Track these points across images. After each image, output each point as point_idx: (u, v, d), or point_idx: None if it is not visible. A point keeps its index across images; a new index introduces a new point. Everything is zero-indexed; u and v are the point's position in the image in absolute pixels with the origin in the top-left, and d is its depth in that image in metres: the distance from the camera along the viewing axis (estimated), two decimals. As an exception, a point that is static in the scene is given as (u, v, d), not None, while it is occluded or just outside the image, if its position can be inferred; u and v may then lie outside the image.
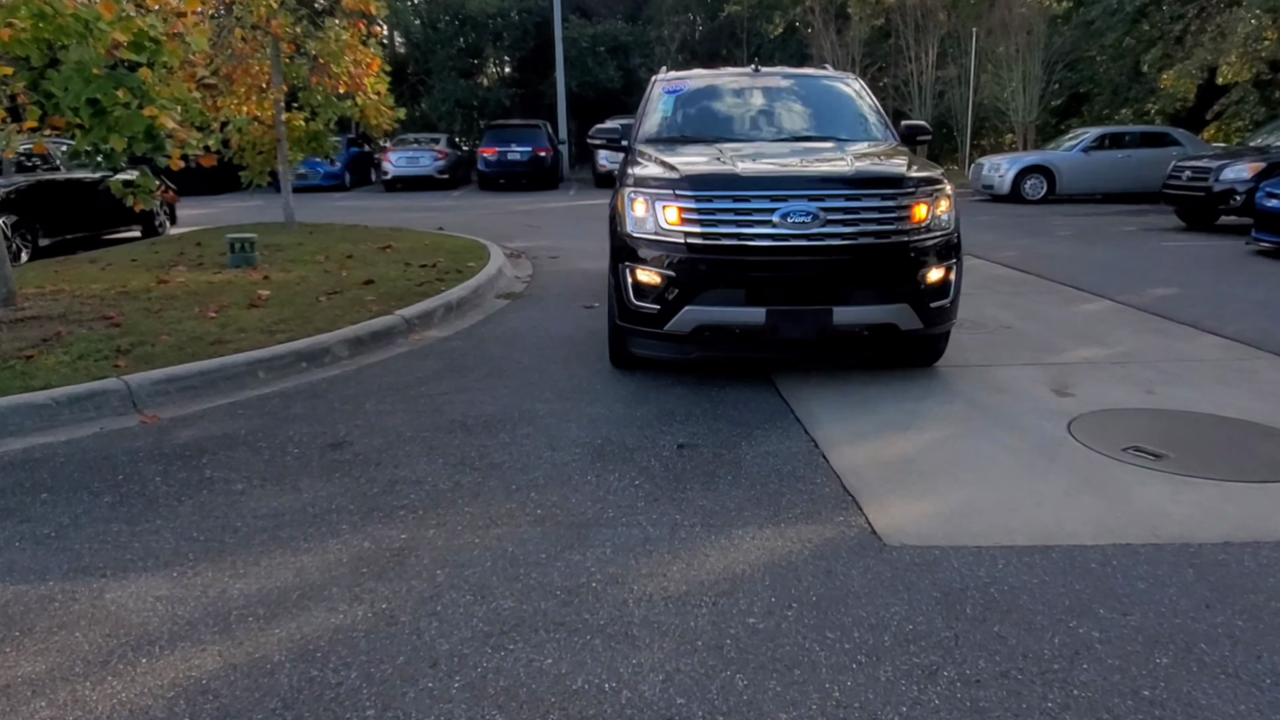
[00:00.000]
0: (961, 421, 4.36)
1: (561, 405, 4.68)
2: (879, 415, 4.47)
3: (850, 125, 5.91)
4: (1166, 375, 5.14)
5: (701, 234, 4.59)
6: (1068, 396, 4.74)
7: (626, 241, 4.84)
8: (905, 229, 4.61)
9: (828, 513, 3.30)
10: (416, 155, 22.92)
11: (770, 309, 4.54)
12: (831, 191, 4.58)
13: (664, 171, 4.86)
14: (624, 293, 4.85)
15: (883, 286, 4.60)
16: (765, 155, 5.19)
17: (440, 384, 5.09)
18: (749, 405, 4.65)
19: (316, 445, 4.09)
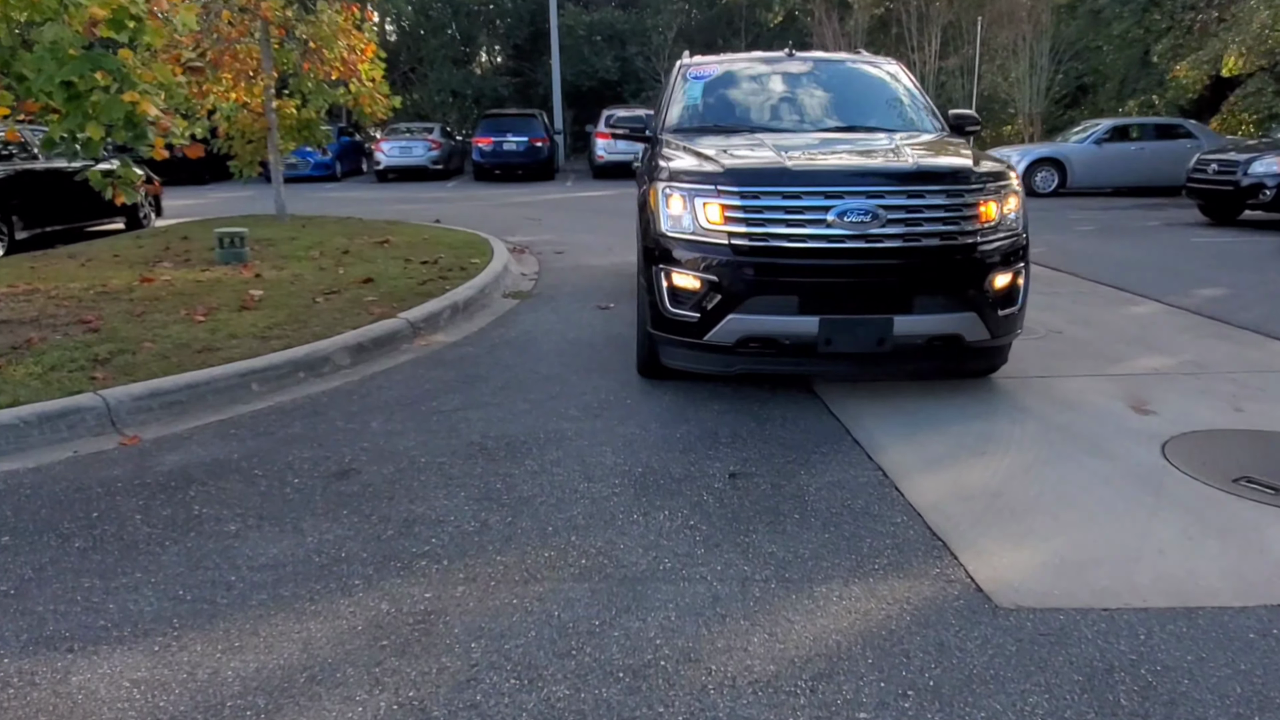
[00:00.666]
0: (1041, 444, 3.91)
1: (590, 424, 4.21)
2: (946, 437, 4.02)
3: (897, 114, 5.44)
4: (1248, 389, 4.70)
5: (747, 234, 4.12)
6: (1149, 414, 4.29)
7: (660, 242, 4.37)
8: (972, 229, 4.15)
9: (919, 562, 2.84)
10: (409, 145, 22.32)
11: (824, 318, 4.08)
12: (892, 188, 4.11)
13: (703, 164, 4.38)
14: (658, 299, 4.38)
15: (948, 293, 4.14)
16: (811, 147, 4.72)
17: (453, 398, 4.60)
18: (798, 424, 4.19)
19: (319, 474, 3.60)
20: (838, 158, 4.48)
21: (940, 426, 4.15)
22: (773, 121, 5.33)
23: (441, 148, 22.74)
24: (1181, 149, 17.22)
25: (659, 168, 4.63)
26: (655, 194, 4.44)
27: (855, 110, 5.44)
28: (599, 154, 22.07)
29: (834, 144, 4.83)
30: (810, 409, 4.42)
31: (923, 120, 5.40)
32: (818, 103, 5.46)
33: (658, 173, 4.56)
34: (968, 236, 4.14)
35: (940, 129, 5.34)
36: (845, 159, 4.43)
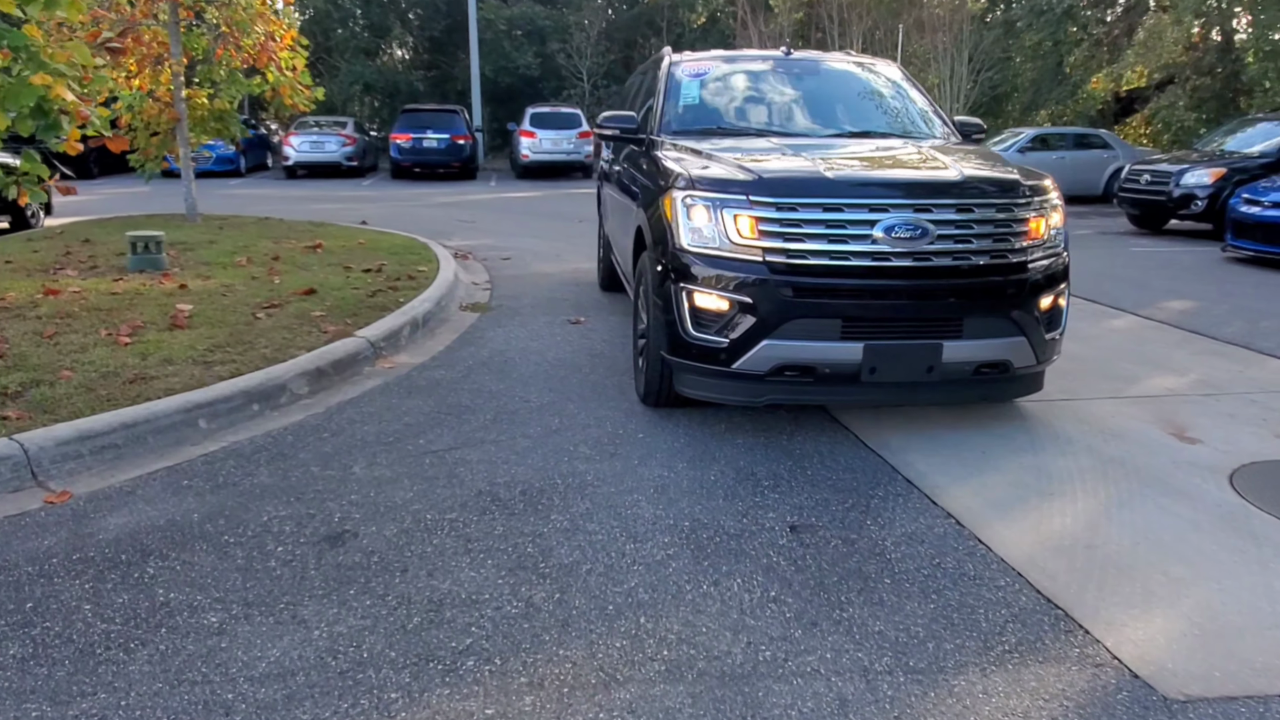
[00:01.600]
0: (1104, 482, 3.62)
1: (609, 466, 3.70)
2: (1002, 474, 3.68)
3: (908, 119, 5.11)
4: (1272, 412, 4.55)
5: (785, 251, 3.70)
6: (1195, 444, 4.07)
7: (679, 258, 3.90)
8: (1022, 247, 3.84)
9: (1051, 640, 2.46)
10: (321, 140, 21.14)
11: (869, 345, 3.69)
12: (941, 201, 3.75)
13: (729, 171, 3.93)
14: (678, 321, 3.91)
15: (999, 316, 3.81)
16: (837, 154, 4.32)
17: (441, 434, 4.03)
18: (838, 461, 3.79)
19: (307, 539, 3.00)
20: (876, 167, 4.10)
21: (991, 461, 3.81)
22: (782, 125, 4.92)
23: (356, 143, 21.63)
24: (1098, 159, 17.76)
25: (670, 173, 4.16)
26: (672, 204, 3.97)
27: (865, 114, 5.09)
28: (524, 153, 21.38)
29: (858, 151, 4.45)
30: (844, 442, 4.02)
31: (933, 126, 5.09)
32: (825, 105, 5.08)
33: (671, 179, 4.08)
34: (1018, 255, 3.82)
35: (949, 135, 5.04)
36: (886, 169, 4.05)
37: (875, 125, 5.00)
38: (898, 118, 5.09)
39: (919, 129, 5.02)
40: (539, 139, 21.27)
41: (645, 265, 4.31)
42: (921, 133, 4.98)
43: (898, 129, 4.98)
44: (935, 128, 5.07)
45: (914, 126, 5.03)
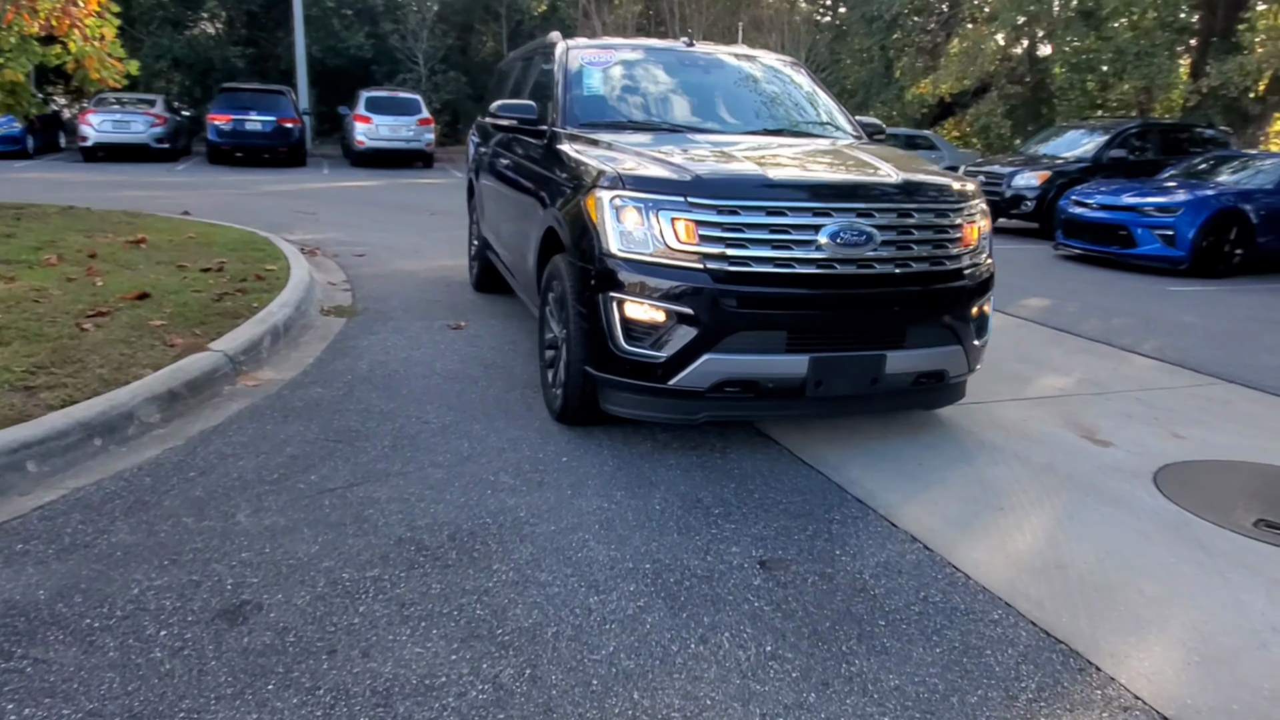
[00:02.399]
0: (1042, 490, 3.58)
1: (539, 497, 3.31)
2: (946, 487, 3.58)
3: (820, 118, 4.96)
4: (1159, 410, 4.74)
5: (729, 257, 3.42)
6: (1108, 446, 4.14)
7: (607, 264, 3.54)
8: (958, 253, 3.75)
9: (1069, 682, 2.31)
10: (127, 119, 19.01)
11: (815, 357, 3.48)
12: (883, 205, 3.59)
13: (662, 170, 3.61)
14: (607, 334, 3.56)
15: (939, 325, 3.71)
16: (767, 153, 4.09)
17: (336, 467, 3.48)
18: (781, 480, 3.57)
19: (198, 615, 2.43)
20: (815, 168, 3.89)
21: (932, 474, 3.71)
22: (696, 120, 4.64)
23: (166, 124, 19.62)
24: (926, 159, 18.76)
25: (590, 170, 3.79)
26: (597, 205, 3.60)
27: (777, 111, 4.90)
28: (359, 139, 20.13)
29: (788, 151, 4.23)
30: (780, 459, 3.81)
31: (841, 125, 4.97)
32: (736, 101, 4.84)
33: (593, 177, 3.72)
34: (953, 261, 3.73)
35: (858, 135, 4.94)
36: (824, 170, 3.85)
37: (789, 123, 4.82)
38: (809, 116, 4.93)
39: (829, 128, 4.88)
40: (375, 125, 20.10)
41: (560, 271, 3.92)
42: (832, 132, 4.85)
43: (811, 127, 4.83)
44: (844, 127, 4.95)
45: (825, 125, 4.89)
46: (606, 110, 4.63)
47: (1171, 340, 6.48)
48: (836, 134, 4.83)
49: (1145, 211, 9.56)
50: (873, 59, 23.10)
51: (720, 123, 4.66)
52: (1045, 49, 19.63)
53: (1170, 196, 9.57)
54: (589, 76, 4.74)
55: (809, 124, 4.86)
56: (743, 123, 4.69)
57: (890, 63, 22.14)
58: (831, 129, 4.87)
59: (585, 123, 4.49)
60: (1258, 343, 6.53)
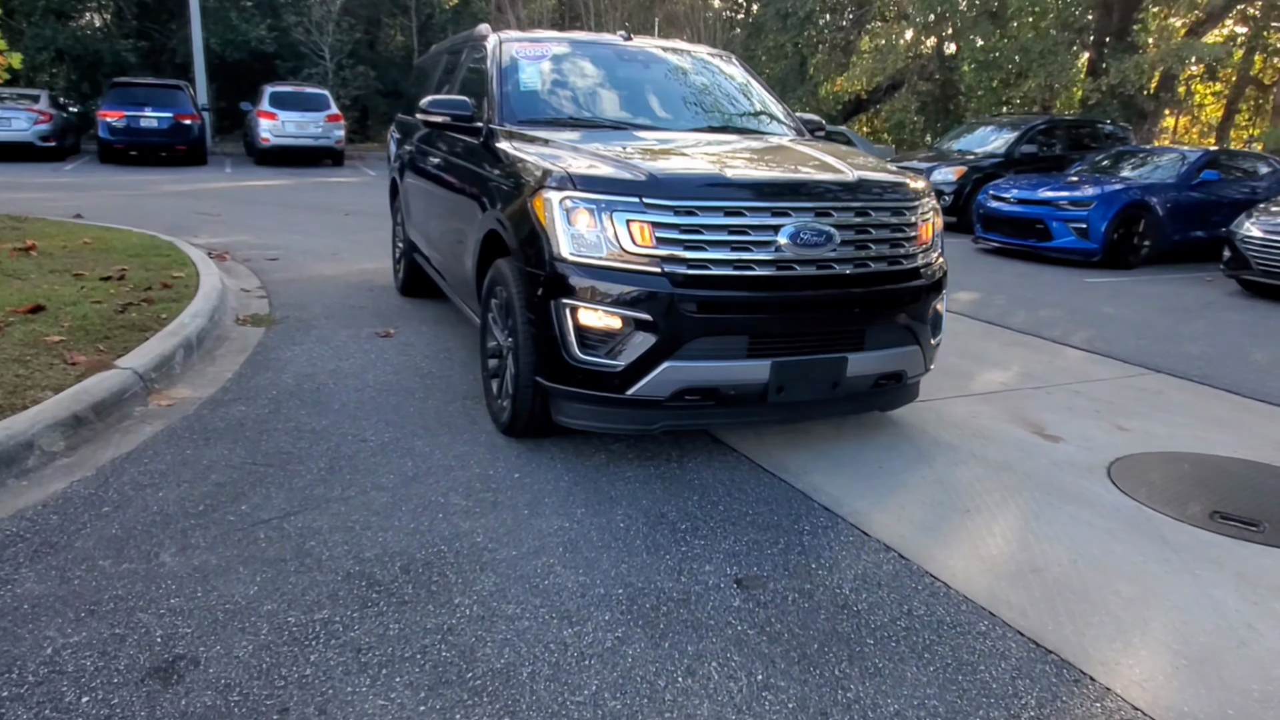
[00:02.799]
0: (1005, 490, 3.56)
1: (496, 519, 3.11)
2: (910, 491, 3.52)
3: (763, 114, 4.86)
4: (1099, 402, 4.82)
5: (687, 260, 3.28)
6: (1058, 441, 4.17)
7: (558, 269, 3.36)
8: (913, 252, 3.69)
9: (1068, 696, 2.25)
10: (8, 116, 17.70)
11: (776, 362, 3.37)
12: (841, 204, 3.50)
13: (615, 170, 3.44)
14: (560, 343, 3.37)
15: (898, 325, 3.64)
16: (719, 151, 3.96)
17: (269, 495, 3.21)
18: (744, 490, 3.45)
19: (125, 676, 2.16)
20: (770, 166, 3.76)
21: (893, 477, 3.65)
22: (638, 117, 4.47)
23: (52, 120, 18.37)
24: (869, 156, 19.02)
25: (536, 170, 3.60)
26: (546, 206, 3.41)
27: (720, 107, 4.78)
28: (264, 136, 19.27)
29: (739, 149, 4.10)
30: (739, 467, 3.69)
31: (782, 121, 4.88)
32: (678, 97, 4.70)
33: (540, 177, 3.52)
34: (909, 260, 3.68)
35: (799, 131, 4.86)
36: (780, 169, 3.73)
37: (733, 120, 4.70)
38: (751, 112, 4.83)
39: (773, 125, 4.79)
40: (281, 121, 19.27)
41: (505, 276, 3.71)
42: (774, 128, 4.76)
43: (753, 123, 4.72)
44: (785, 123, 4.87)
45: (768, 122, 4.80)
46: (545, 106, 4.43)
47: (1098, 331, 6.64)
48: (778, 130, 4.75)
49: (1060, 206, 9.84)
50: (787, 55, 23.36)
51: (662, 119, 4.51)
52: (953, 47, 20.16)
53: (1083, 191, 9.88)
54: (524, 71, 4.53)
55: (751, 120, 4.76)
56: (685, 119, 4.56)
57: (804, 59, 22.42)
58: (773, 125, 4.79)
59: (523, 119, 4.29)
60: (1175, 332, 6.75)
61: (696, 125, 4.53)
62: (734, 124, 4.66)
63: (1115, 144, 13.77)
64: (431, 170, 5.32)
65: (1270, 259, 7.97)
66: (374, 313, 6.24)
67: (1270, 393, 5.14)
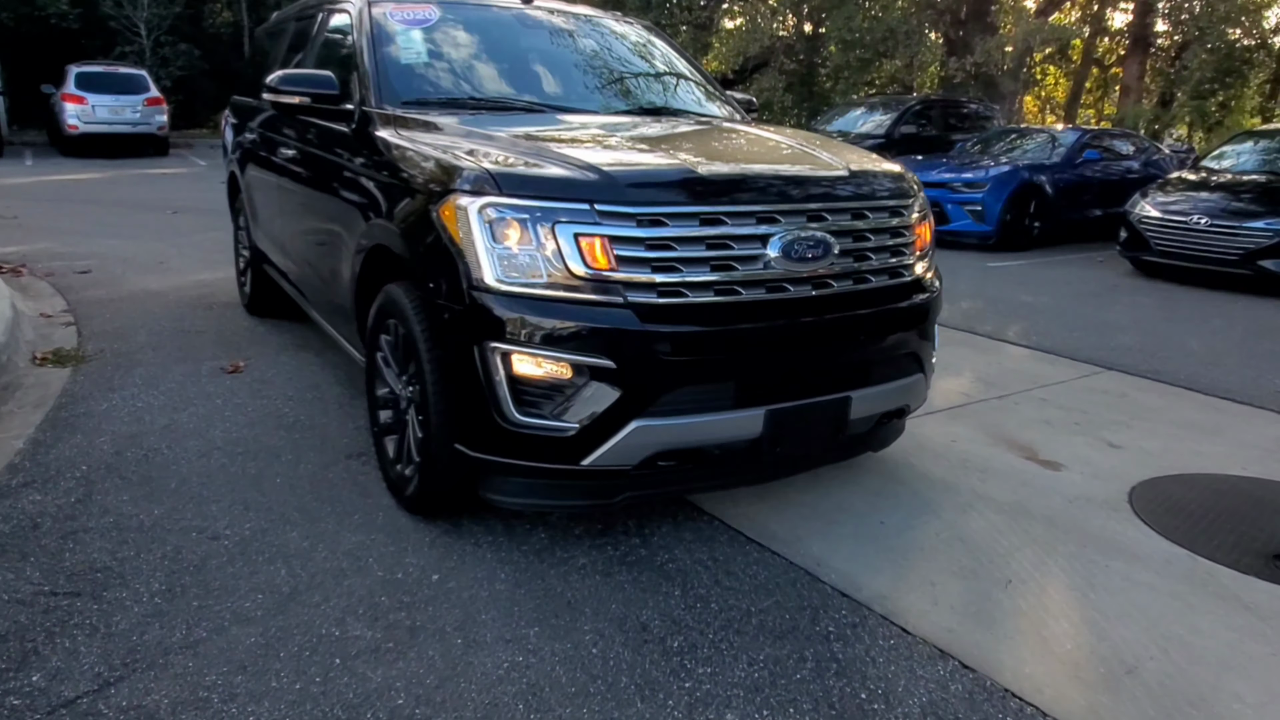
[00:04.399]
0: (1034, 546, 2.96)
1: (417, 658, 2.22)
2: (929, 557, 2.87)
3: (699, 94, 4.08)
4: (1071, 411, 4.36)
5: (657, 286, 2.47)
6: (1058, 469, 3.64)
7: (482, 301, 2.49)
8: (913, 259, 3.02)
9: None
10: None
11: (772, 410, 2.63)
12: (835, 205, 2.78)
13: (554, 167, 2.58)
14: (490, 400, 2.51)
15: (904, 349, 2.97)
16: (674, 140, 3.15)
17: (75, 651, 2.20)
18: (733, 573, 2.71)
19: None
20: (743, 159, 2.97)
21: (903, 537, 2.99)
22: (557, 97, 3.59)
23: None
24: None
25: (442, 166, 2.70)
26: (458, 216, 2.52)
27: (651, 86, 3.96)
28: (71, 123, 16.96)
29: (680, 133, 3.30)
30: (716, 536, 2.94)
31: (720, 102, 4.13)
32: (601, 73, 3.84)
33: (449, 176, 2.63)
34: (909, 270, 3.00)
35: (737, 112, 4.13)
36: (756, 161, 2.95)
37: (668, 100, 3.90)
38: (686, 92, 4.04)
39: (711, 104, 4.03)
40: (90, 105, 17.01)
41: (401, 307, 2.80)
42: (715, 109, 4.00)
43: (692, 105, 3.94)
44: (723, 104, 4.12)
45: (705, 103, 4.03)
46: (434, 83, 3.49)
47: (1027, 324, 6.29)
48: (717, 111, 3.99)
49: (955, 188, 9.60)
50: (649, 35, 22.68)
51: (585, 99, 3.65)
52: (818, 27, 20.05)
53: (976, 172, 9.67)
54: (404, 39, 3.57)
55: (688, 99, 3.97)
56: (612, 99, 3.72)
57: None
58: (711, 105, 4.03)
59: (408, 100, 3.34)
60: (1100, 321, 6.50)
61: (626, 106, 3.71)
62: (671, 104, 3.86)
63: (985, 124, 13.85)
64: (283, 164, 4.26)
65: (1169, 239, 7.92)
66: (217, 339, 5.09)
67: (1228, 388, 4.85)
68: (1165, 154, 11.76)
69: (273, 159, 4.51)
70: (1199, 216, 7.73)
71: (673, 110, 3.81)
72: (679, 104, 3.89)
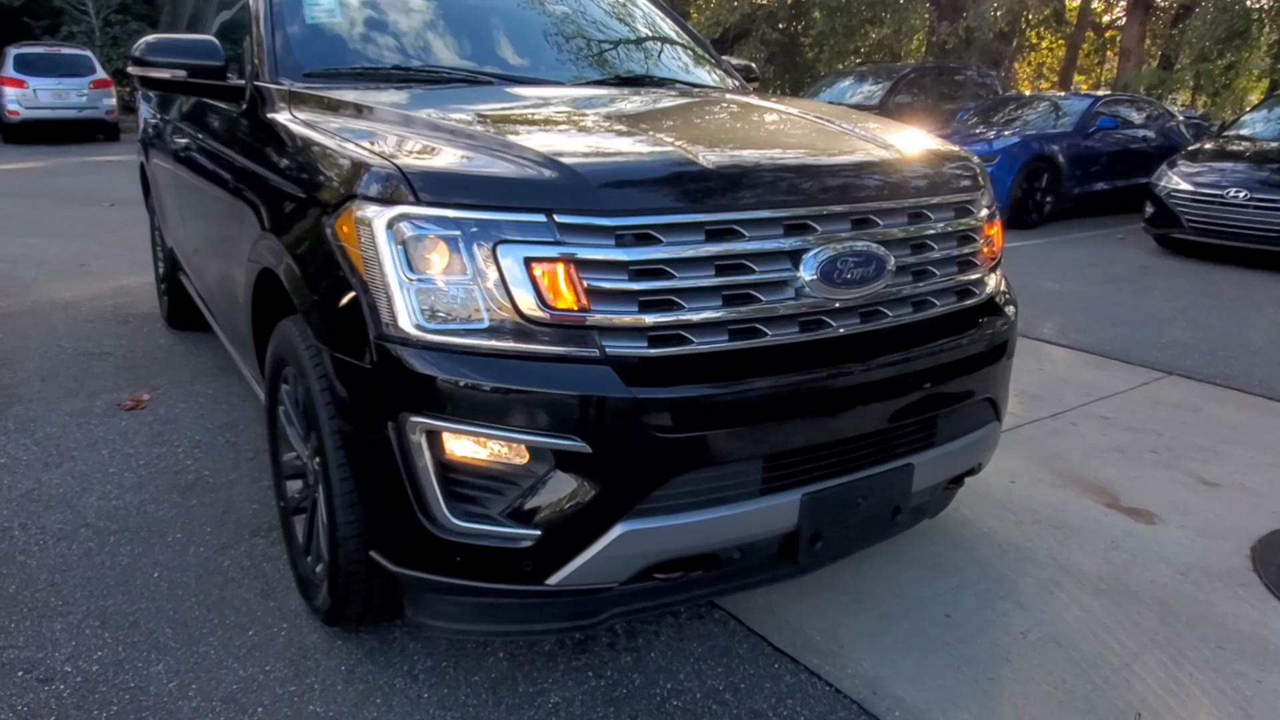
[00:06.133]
0: (1158, 652, 2.24)
1: None
2: (1024, 675, 2.14)
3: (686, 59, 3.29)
4: (1143, 434, 3.65)
5: (650, 329, 1.71)
6: (1153, 521, 2.92)
7: (394, 355, 1.71)
8: (983, 271, 2.27)
9: None
10: None
11: (810, 494, 1.88)
12: (889, 203, 2.01)
13: (495, 162, 1.80)
14: (415, 493, 1.74)
15: (978, 394, 2.22)
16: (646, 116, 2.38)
17: None
18: (759, 711, 1.97)
19: None
20: (764, 142, 2.20)
21: (971, 638, 2.26)
22: (507, 66, 2.79)
23: None
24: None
25: (341, 162, 1.92)
26: (359, 232, 1.75)
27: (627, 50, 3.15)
28: (11, 108, 15.88)
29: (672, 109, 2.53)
30: (736, 647, 2.20)
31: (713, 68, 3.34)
32: (558, 33, 3.03)
33: (348, 177, 1.85)
34: (979, 286, 2.25)
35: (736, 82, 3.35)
36: (780, 145, 2.18)
37: (650, 68, 3.10)
38: (673, 58, 3.25)
39: (705, 72, 3.24)
40: (32, 89, 15.92)
41: (296, 355, 2.03)
42: (710, 78, 3.21)
43: (681, 72, 3.15)
44: (720, 73, 3.33)
45: (697, 70, 3.24)
46: (348, 50, 2.68)
47: (1061, 318, 5.57)
48: (714, 81, 3.21)
49: (962, 162, 8.83)
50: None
51: (546, 68, 2.85)
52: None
53: (984, 145, 8.91)
54: (310, -5, 2.75)
55: (676, 66, 3.18)
56: (580, 68, 2.92)
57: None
58: (705, 73, 3.24)
59: (313, 71, 2.54)
60: (1143, 312, 5.79)
61: (601, 75, 2.91)
62: (654, 73, 3.06)
63: (983, 92, 13.09)
64: (179, 154, 3.46)
65: (1203, 216, 7.20)
66: (123, 363, 4.29)
67: (1313, 396, 4.15)
68: (1180, 121, 11.04)
69: (171, 147, 3.69)
70: (1236, 190, 7.02)
71: (658, 80, 3.01)
72: (665, 72, 3.10)
